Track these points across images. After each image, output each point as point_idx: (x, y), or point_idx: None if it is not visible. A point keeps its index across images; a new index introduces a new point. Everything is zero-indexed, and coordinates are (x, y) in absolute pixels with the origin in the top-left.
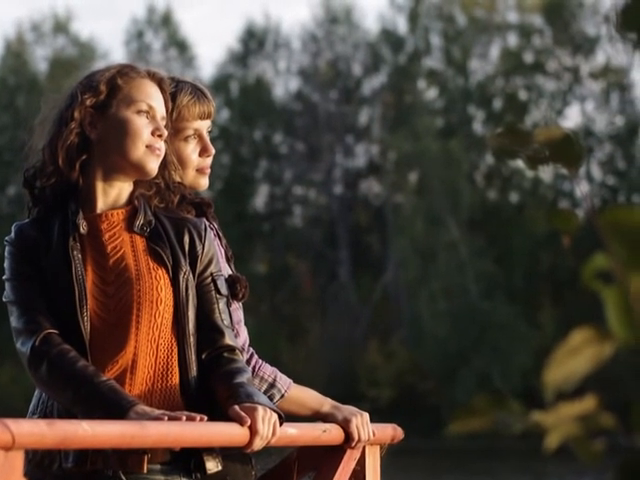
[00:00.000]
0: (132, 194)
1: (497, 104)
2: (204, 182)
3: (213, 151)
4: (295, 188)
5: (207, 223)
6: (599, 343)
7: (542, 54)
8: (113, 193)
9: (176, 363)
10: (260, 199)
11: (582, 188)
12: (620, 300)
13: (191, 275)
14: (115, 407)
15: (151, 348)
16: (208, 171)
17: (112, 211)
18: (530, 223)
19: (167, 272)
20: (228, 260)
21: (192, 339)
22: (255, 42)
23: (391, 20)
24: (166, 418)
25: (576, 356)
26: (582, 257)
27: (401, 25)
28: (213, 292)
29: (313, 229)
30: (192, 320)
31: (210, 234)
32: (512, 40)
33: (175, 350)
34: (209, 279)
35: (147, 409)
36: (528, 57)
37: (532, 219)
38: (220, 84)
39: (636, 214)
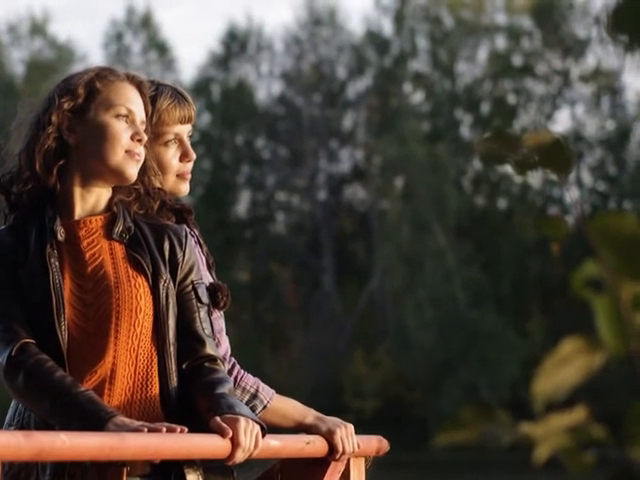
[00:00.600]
0: (111, 200)
1: (485, 108)
2: (185, 188)
3: (194, 156)
4: (278, 194)
5: (188, 230)
6: (589, 353)
7: (531, 57)
8: (91, 199)
9: (156, 373)
10: (242, 205)
11: (572, 194)
12: (611, 309)
13: (171, 283)
14: (93, 418)
15: (130, 358)
16: (189, 176)
17: (90, 217)
18: (519, 230)
19: (147, 280)
20: (209, 268)
21: (172, 349)
22: (237, 44)
23: (376, 22)
24: (146, 430)
25: (566, 366)
26: (572, 265)
27: (386, 27)
28: (194, 300)
29: (296, 236)
30: (172, 329)
31: (191, 241)
32: (500, 42)
33: (155, 360)
34: (190, 287)
35: (126, 420)
36: (517, 60)
37: (521, 226)
38: (201, 87)
39: (627, 220)
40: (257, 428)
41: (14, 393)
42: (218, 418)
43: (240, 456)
